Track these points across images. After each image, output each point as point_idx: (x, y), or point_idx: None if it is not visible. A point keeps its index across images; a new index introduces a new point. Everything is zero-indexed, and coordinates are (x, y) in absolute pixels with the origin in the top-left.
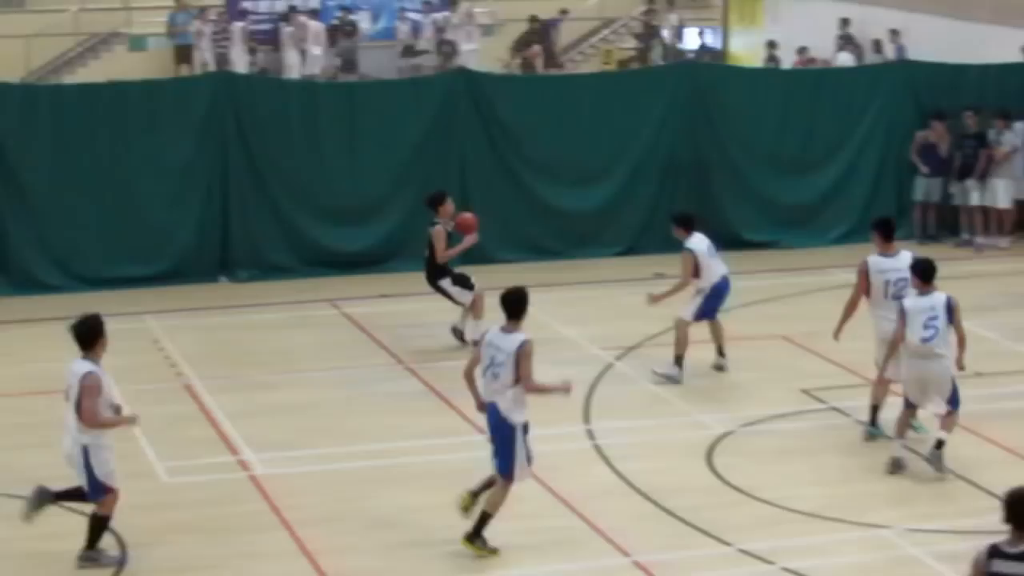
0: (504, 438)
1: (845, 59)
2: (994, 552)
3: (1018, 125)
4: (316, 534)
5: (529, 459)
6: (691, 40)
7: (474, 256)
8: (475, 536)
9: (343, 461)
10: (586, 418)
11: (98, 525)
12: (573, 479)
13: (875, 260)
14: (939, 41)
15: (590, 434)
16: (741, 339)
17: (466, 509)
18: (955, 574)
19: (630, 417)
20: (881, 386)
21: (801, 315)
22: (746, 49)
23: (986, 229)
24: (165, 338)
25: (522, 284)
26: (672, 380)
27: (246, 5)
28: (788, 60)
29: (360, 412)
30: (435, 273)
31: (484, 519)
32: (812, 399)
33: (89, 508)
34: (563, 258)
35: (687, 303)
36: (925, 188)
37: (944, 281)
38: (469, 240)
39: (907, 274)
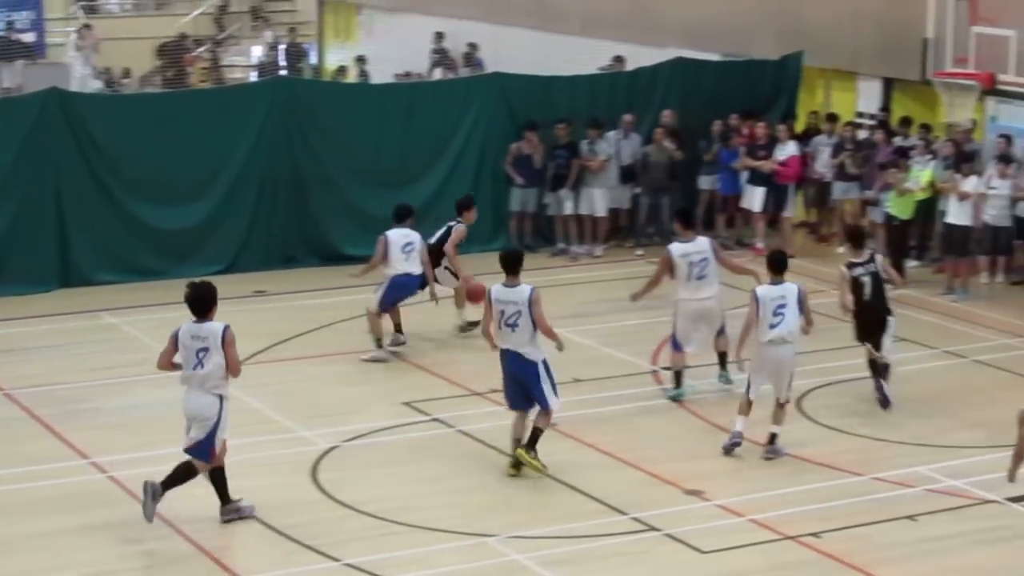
0: (531, 376)
1: (440, 73)
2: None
3: (610, 134)
4: None
5: (555, 389)
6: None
7: (73, 279)
8: (531, 447)
9: None
10: None
11: (221, 478)
12: (178, 500)
13: (676, 247)
14: (531, 53)
15: None
16: (341, 354)
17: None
18: None
19: (234, 435)
20: (681, 356)
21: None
22: (342, 64)
23: (581, 238)
24: None
25: (128, 305)
26: (381, 360)
27: None
28: (381, 75)
29: None
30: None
31: (536, 433)
32: (414, 411)
33: None
34: (163, 277)
35: (374, 295)
36: (521, 199)
37: (544, 290)
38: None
39: (708, 255)
